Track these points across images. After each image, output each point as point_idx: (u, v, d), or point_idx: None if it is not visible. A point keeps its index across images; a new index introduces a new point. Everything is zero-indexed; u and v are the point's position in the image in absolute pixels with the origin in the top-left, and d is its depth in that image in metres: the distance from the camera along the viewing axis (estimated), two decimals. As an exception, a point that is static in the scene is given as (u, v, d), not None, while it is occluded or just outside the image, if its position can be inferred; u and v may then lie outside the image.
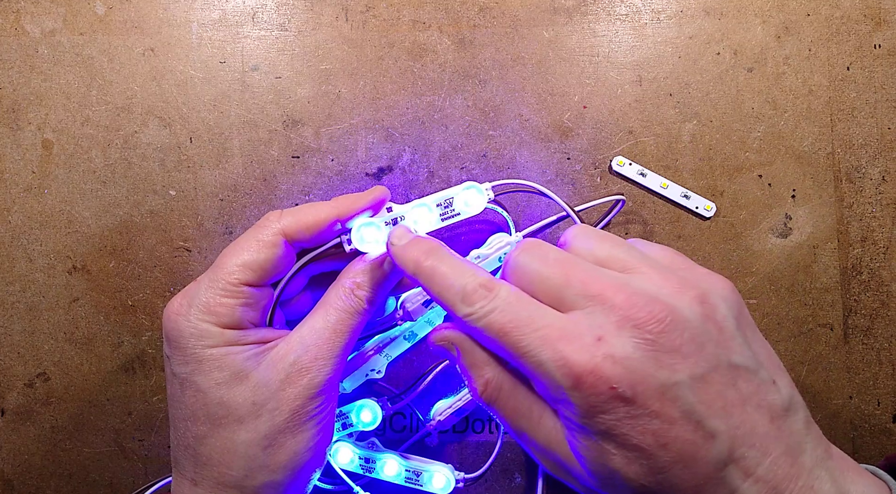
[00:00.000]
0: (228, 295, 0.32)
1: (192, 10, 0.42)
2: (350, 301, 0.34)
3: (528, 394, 0.30)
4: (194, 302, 0.32)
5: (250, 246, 0.33)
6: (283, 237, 0.33)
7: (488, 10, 0.42)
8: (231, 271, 0.32)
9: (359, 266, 0.34)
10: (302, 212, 0.34)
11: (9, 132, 0.42)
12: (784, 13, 0.42)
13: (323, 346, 0.32)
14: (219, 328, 0.32)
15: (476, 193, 0.36)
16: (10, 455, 0.41)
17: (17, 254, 0.42)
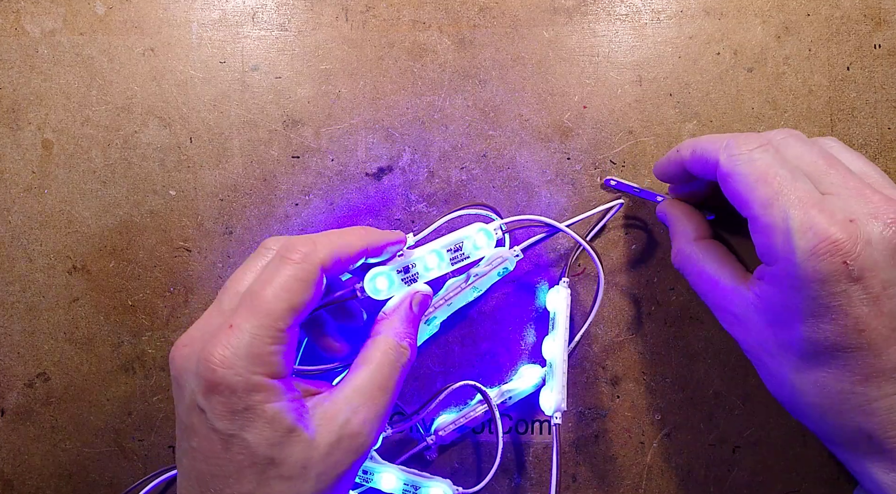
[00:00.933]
0: (276, 342, 0.30)
1: (192, 10, 0.42)
2: (398, 354, 0.33)
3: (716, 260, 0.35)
4: (242, 353, 0.29)
5: (293, 287, 0.30)
6: (323, 272, 0.31)
7: (488, 10, 0.42)
8: (279, 317, 0.30)
9: (397, 316, 0.34)
10: (334, 244, 0.32)
11: (9, 132, 0.42)
12: (784, 13, 0.42)
13: (372, 406, 0.31)
14: (270, 381, 0.30)
15: (485, 236, 0.36)
16: (10, 455, 0.41)
17: (17, 254, 0.42)
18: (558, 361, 0.38)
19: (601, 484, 0.41)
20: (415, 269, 0.35)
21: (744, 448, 0.41)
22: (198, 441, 0.30)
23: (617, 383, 0.41)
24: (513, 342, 0.42)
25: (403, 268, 0.35)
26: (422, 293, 0.35)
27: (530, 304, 0.42)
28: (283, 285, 0.30)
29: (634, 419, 0.41)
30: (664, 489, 0.41)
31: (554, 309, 0.40)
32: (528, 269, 0.42)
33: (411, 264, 0.35)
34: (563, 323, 0.39)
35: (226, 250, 0.42)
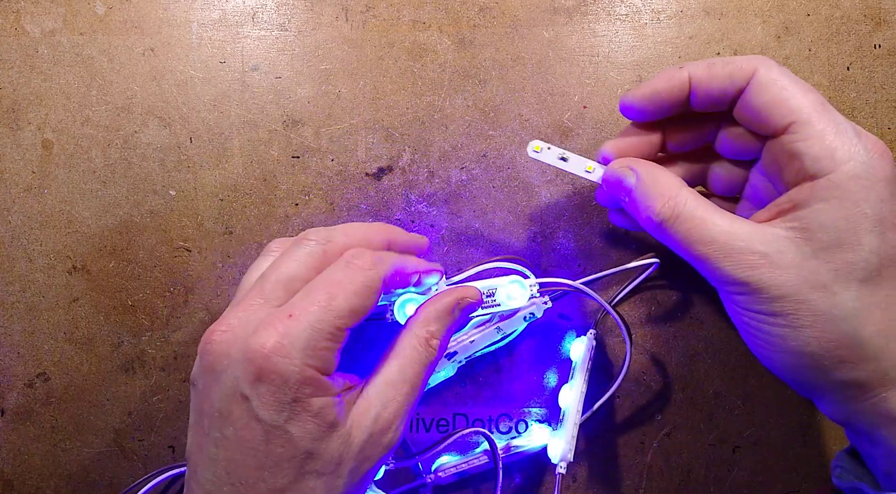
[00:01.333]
0: (334, 339, 0.30)
1: (192, 10, 0.42)
2: (425, 352, 0.32)
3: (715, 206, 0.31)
4: (300, 345, 0.29)
5: (362, 293, 0.30)
6: (384, 285, 0.32)
7: (488, 10, 0.42)
8: (342, 316, 0.30)
9: (432, 314, 0.33)
10: (403, 260, 0.33)
11: (9, 132, 0.42)
12: (784, 13, 0.42)
13: (402, 401, 0.31)
14: (321, 375, 0.29)
15: (519, 287, 0.36)
16: (10, 455, 0.41)
17: (17, 254, 0.42)
18: (571, 412, 0.38)
19: (601, 484, 0.41)
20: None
21: (744, 448, 0.41)
22: (235, 430, 0.29)
23: (617, 383, 0.41)
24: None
25: None
26: (469, 300, 0.34)
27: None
28: (355, 288, 0.30)
29: (634, 419, 0.41)
30: (664, 489, 0.41)
31: (575, 360, 0.40)
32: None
33: None
34: (582, 375, 0.39)
35: (226, 250, 0.42)
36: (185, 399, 0.41)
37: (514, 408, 0.41)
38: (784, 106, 0.30)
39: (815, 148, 0.29)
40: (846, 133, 0.29)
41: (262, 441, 0.29)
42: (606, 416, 0.41)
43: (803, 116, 0.29)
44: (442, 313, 0.33)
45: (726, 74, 0.31)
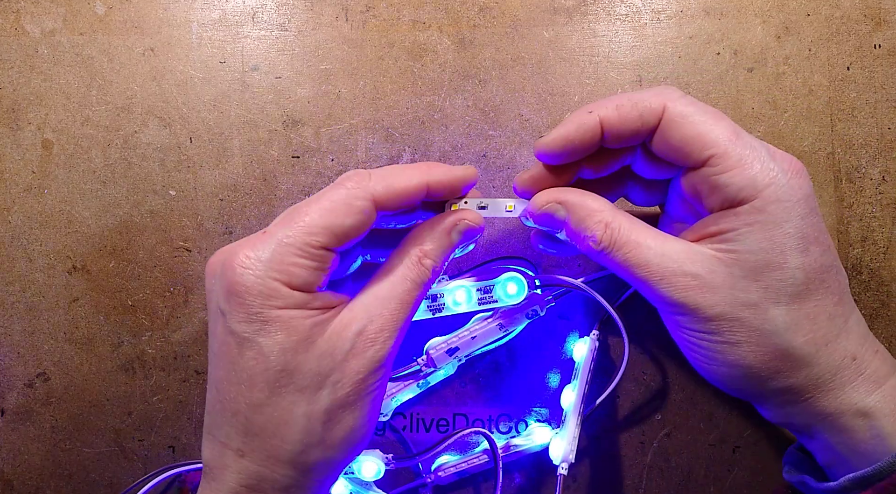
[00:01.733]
0: (305, 256, 0.29)
1: (192, 10, 0.42)
2: (417, 270, 0.32)
3: (648, 228, 0.31)
4: (265, 257, 0.29)
5: (339, 209, 0.30)
6: (374, 204, 0.31)
7: (488, 10, 0.42)
8: (314, 233, 0.29)
9: (427, 233, 0.32)
10: (393, 177, 0.31)
11: (9, 132, 0.42)
12: (784, 13, 0.42)
13: (389, 316, 0.31)
14: (289, 289, 0.29)
15: (517, 285, 0.36)
16: (10, 455, 0.41)
17: (17, 254, 0.42)
18: (573, 412, 0.38)
19: (601, 484, 0.41)
20: (442, 299, 0.35)
21: (744, 448, 0.41)
22: (217, 346, 0.30)
23: (617, 383, 0.41)
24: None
25: (431, 296, 0.35)
26: (468, 222, 0.33)
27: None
28: (327, 204, 0.30)
29: (634, 419, 0.41)
30: (664, 489, 0.41)
31: (578, 361, 0.40)
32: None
33: (439, 294, 0.35)
34: (584, 376, 0.39)
35: (226, 250, 0.42)
36: (184, 399, 0.41)
37: (515, 408, 0.41)
38: (699, 141, 0.30)
39: (735, 179, 0.30)
40: (762, 158, 0.30)
41: (237, 353, 0.29)
42: (607, 416, 0.41)
43: (720, 150, 0.30)
44: (438, 233, 0.32)
45: (636, 116, 0.32)
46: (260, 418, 0.29)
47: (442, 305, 0.36)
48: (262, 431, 0.29)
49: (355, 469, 0.38)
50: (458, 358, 0.39)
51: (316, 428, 0.29)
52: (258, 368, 0.29)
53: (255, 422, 0.29)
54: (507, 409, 0.41)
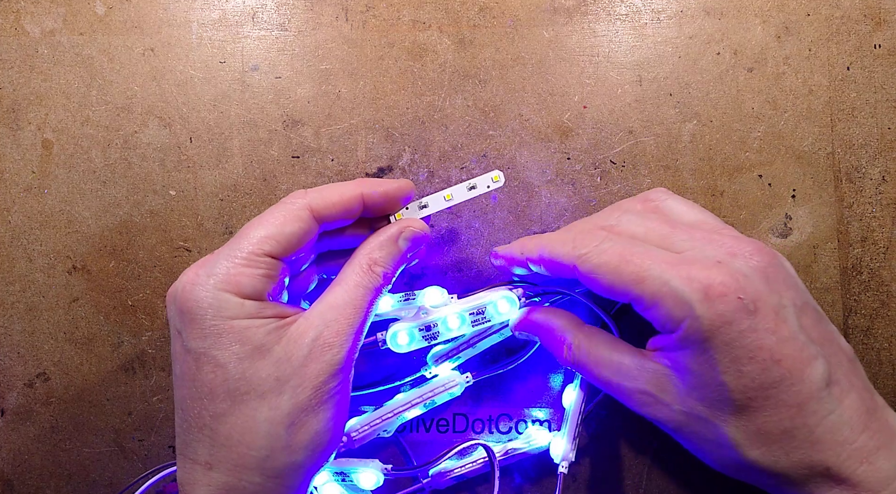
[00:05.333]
0: (251, 265, 0.31)
1: (192, 10, 0.42)
2: (368, 277, 0.33)
3: (608, 344, 0.34)
4: (213, 272, 0.31)
5: (275, 218, 0.32)
6: (311, 213, 0.33)
7: (488, 10, 0.42)
8: (255, 241, 0.31)
9: (375, 243, 0.34)
10: (327, 189, 0.34)
11: (9, 132, 0.42)
12: (784, 13, 0.42)
13: (344, 321, 0.32)
14: (239, 299, 0.31)
15: (507, 303, 0.37)
16: (10, 455, 0.41)
17: (17, 254, 0.42)
18: (574, 412, 0.38)
19: (601, 484, 0.41)
20: (436, 328, 0.36)
21: (744, 448, 0.41)
22: (178, 367, 0.31)
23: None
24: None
25: (425, 326, 0.36)
26: (412, 229, 0.35)
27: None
28: (264, 216, 0.33)
29: (634, 419, 0.41)
30: (664, 489, 0.41)
31: None
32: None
33: (433, 324, 0.36)
34: None
35: (226, 250, 0.42)
36: (185, 399, 0.41)
37: (515, 408, 0.41)
38: (612, 290, 0.32)
39: (654, 317, 0.31)
40: (674, 292, 0.30)
41: (195, 370, 0.30)
42: (607, 416, 0.41)
43: (632, 293, 0.31)
44: (385, 241, 0.34)
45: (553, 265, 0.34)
46: (224, 428, 0.30)
47: (437, 333, 0.36)
48: (228, 440, 0.30)
49: (354, 479, 0.38)
50: (466, 380, 0.39)
51: (280, 433, 0.30)
52: (217, 380, 0.30)
53: (220, 433, 0.30)
54: (507, 409, 0.41)
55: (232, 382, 0.30)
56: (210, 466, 0.30)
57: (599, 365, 0.34)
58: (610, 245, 0.32)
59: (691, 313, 0.29)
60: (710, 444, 0.31)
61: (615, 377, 0.33)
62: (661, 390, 0.32)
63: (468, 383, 0.39)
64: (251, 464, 0.30)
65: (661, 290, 0.30)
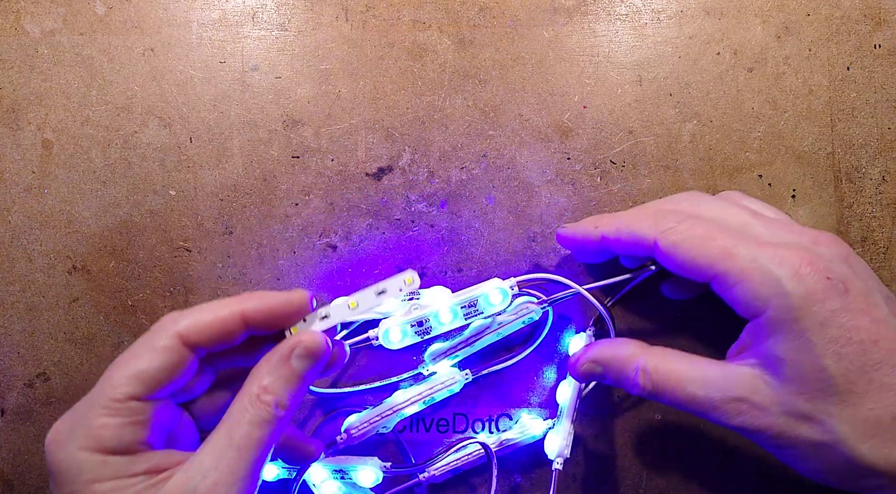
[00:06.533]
0: (112, 414, 0.27)
1: (192, 10, 0.42)
2: (257, 410, 0.28)
3: (684, 359, 0.32)
4: (74, 427, 0.27)
5: (140, 354, 0.28)
6: (181, 341, 0.29)
7: (488, 10, 0.42)
8: (116, 385, 0.28)
9: (264, 367, 0.29)
10: (201, 311, 0.30)
11: (9, 132, 0.42)
12: (784, 13, 0.42)
13: (224, 469, 0.27)
14: (101, 457, 0.27)
15: (500, 294, 0.36)
16: (10, 455, 0.41)
17: (17, 254, 0.42)
18: (568, 408, 0.38)
19: (601, 484, 0.41)
20: (428, 323, 0.36)
21: (744, 448, 0.41)
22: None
23: (617, 383, 0.41)
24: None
25: (417, 322, 0.36)
26: (305, 346, 0.30)
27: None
28: (129, 351, 0.29)
29: (634, 419, 0.41)
30: (664, 489, 0.41)
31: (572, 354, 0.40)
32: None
33: (425, 319, 0.36)
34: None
35: (226, 250, 0.42)
36: (185, 399, 0.41)
37: (515, 408, 0.41)
38: (695, 266, 0.31)
39: (739, 295, 0.30)
40: (765, 266, 0.29)
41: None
42: (606, 416, 0.41)
43: (716, 270, 0.30)
44: (275, 363, 0.29)
45: (632, 242, 0.33)
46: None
47: (429, 328, 0.36)
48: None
49: (352, 476, 0.38)
50: (465, 377, 0.39)
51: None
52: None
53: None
54: (508, 408, 0.41)
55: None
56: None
57: (682, 381, 0.31)
58: (693, 222, 0.31)
59: (781, 289, 0.28)
60: (815, 447, 0.29)
61: (701, 390, 0.30)
62: (754, 392, 0.29)
63: (467, 379, 0.39)
64: None
65: (749, 266, 0.29)
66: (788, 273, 0.28)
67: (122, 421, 0.28)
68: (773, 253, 0.29)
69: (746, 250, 0.30)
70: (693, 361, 0.32)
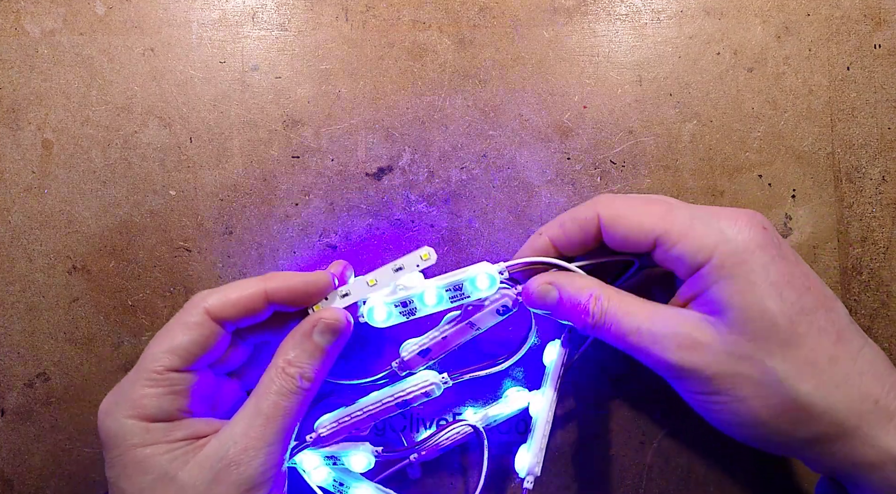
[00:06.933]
0: (153, 385, 0.30)
1: (192, 10, 0.42)
2: (283, 382, 0.32)
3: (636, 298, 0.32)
4: (120, 398, 0.31)
5: (174, 330, 0.32)
6: (209, 317, 0.32)
7: (488, 10, 0.42)
8: (155, 359, 0.31)
9: (289, 342, 0.33)
10: (227, 289, 0.33)
11: (9, 132, 0.42)
12: (784, 13, 0.42)
13: (253, 435, 0.30)
14: (144, 424, 0.30)
15: (487, 279, 0.35)
16: (10, 455, 0.41)
17: (17, 254, 0.42)
18: (541, 421, 0.37)
19: (601, 484, 0.41)
20: (413, 304, 0.35)
21: (744, 448, 0.41)
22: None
23: (617, 383, 0.41)
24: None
25: (402, 302, 0.35)
26: (326, 322, 0.33)
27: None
28: (164, 329, 0.32)
29: (634, 420, 0.41)
30: (664, 489, 0.41)
31: (548, 365, 0.39)
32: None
33: (409, 300, 0.35)
34: (553, 382, 0.37)
35: (226, 250, 0.42)
36: (185, 399, 0.41)
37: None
38: (638, 231, 0.32)
39: (685, 248, 0.30)
40: (705, 221, 0.30)
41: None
42: (606, 416, 0.41)
43: (659, 230, 0.31)
44: (298, 338, 0.33)
45: (577, 228, 0.34)
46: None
47: (414, 309, 0.35)
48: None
49: (344, 462, 0.38)
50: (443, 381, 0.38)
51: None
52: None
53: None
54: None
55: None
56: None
57: (630, 313, 0.31)
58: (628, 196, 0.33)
59: (724, 237, 0.30)
60: (755, 387, 0.29)
61: (647, 322, 0.31)
62: (698, 331, 0.30)
63: (446, 384, 0.38)
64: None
65: (690, 222, 0.30)
66: (729, 224, 0.30)
67: (162, 391, 0.30)
68: (708, 212, 0.31)
69: (684, 212, 0.31)
70: (645, 301, 0.32)
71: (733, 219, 0.31)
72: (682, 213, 0.31)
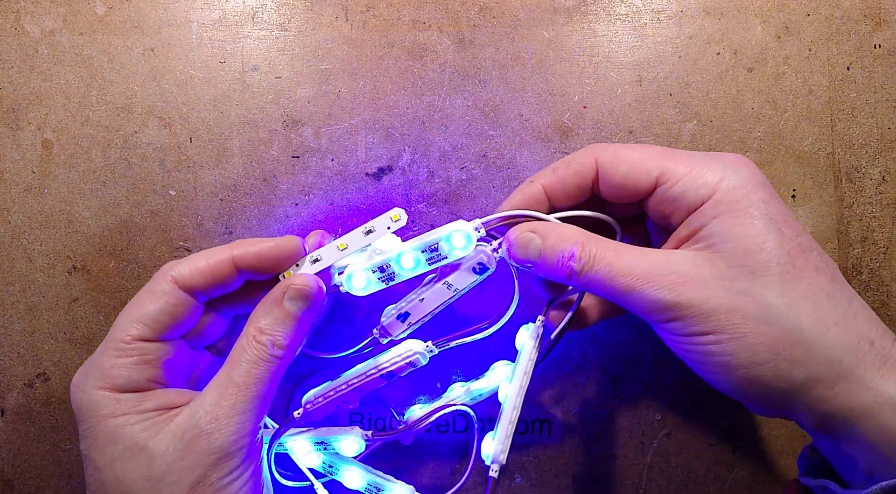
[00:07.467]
0: (121, 354, 0.30)
1: (192, 10, 0.42)
2: (254, 350, 0.31)
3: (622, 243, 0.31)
4: (91, 370, 0.30)
5: (142, 300, 0.31)
6: (177, 286, 0.31)
7: (488, 10, 0.42)
8: (123, 328, 0.30)
9: (260, 310, 0.32)
10: (195, 257, 0.32)
11: (9, 132, 0.42)
12: (784, 13, 0.42)
13: (225, 404, 0.30)
14: (114, 394, 0.29)
15: (462, 237, 0.33)
16: (10, 455, 0.41)
17: (17, 254, 0.42)
18: (508, 408, 0.35)
19: (601, 484, 0.41)
20: (390, 269, 0.34)
21: (744, 448, 0.41)
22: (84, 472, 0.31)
23: (617, 383, 0.41)
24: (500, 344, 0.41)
25: (379, 267, 0.34)
26: (295, 287, 0.32)
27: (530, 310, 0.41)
28: (133, 299, 0.32)
29: (634, 420, 0.41)
30: (664, 489, 0.41)
31: (519, 348, 0.37)
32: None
33: (386, 264, 0.34)
34: (524, 368, 0.35)
35: (226, 250, 0.42)
36: (185, 399, 0.41)
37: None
38: (639, 170, 0.31)
39: (688, 185, 0.30)
40: (704, 161, 0.31)
41: (84, 472, 0.30)
42: (606, 416, 0.41)
43: (662, 168, 0.31)
44: (269, 305, 0.32)
45: (572, 173, 0.33)
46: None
47: (393, 274, 0.34)
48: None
49: (335, 447, 0.38)
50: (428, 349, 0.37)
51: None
52: (96, 484, 0.29)
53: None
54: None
55: (108, 486, 0.29)
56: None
57: (621, 255, 0.30)
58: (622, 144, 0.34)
59: (725, 174, 0.30)
60: (754, 323, 0.28)
61: (639, 263, 0.29)
62: (695, 268, 0.29)
63: (431, 352, 0.37)
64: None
65: (691, 162, 0.31)
66: (729, 163, 0.31)
67: (131, 361, 0.30)
68: (705, 154, 0.32)
69: (682, 153, 0.32)
70: (633, 246, 0.31)
71: (731, 159, 0.31)
72: (681, 153, 0.32)
